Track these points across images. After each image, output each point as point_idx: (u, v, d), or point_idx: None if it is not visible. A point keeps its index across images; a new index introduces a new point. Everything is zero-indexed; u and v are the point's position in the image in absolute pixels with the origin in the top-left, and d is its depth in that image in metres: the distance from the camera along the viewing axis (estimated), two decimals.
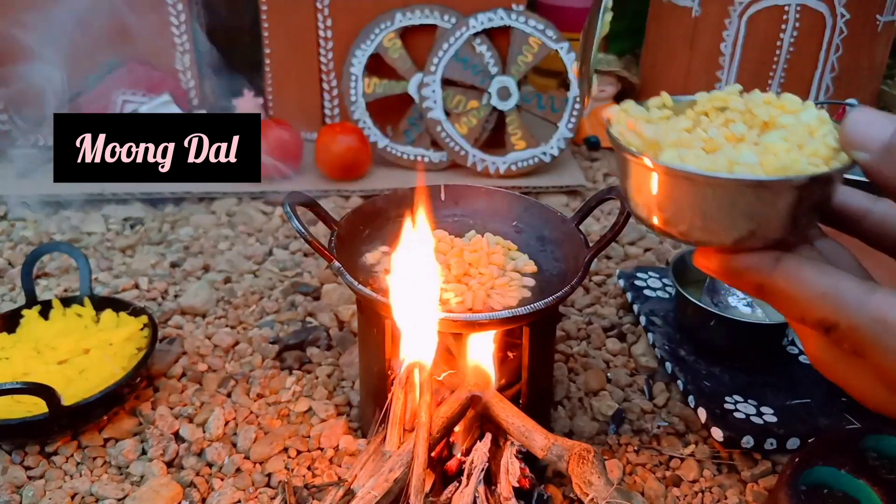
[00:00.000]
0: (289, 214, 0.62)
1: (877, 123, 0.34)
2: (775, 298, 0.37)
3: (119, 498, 0.70)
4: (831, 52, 1.38)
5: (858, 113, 0.35)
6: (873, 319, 0.33)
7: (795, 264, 0.36)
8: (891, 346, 0.33)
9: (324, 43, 1.42)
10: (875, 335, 0.33)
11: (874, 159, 0.34)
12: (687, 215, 0.37)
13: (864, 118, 0.34)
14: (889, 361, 0.33)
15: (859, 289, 0.34)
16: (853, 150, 0.35)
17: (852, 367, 0.36)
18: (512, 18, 1.34)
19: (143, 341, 0.84)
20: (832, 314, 0.34)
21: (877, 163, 0.34)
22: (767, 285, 0.37)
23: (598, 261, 1.13)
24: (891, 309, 0.33)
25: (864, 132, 0.34)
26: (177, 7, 1.37)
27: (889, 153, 0.33)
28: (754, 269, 0.37)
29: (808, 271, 0.35)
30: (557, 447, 0.62)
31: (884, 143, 0.34)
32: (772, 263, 0.36)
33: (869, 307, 0.33)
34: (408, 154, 1.40)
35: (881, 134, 0.34)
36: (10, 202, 1.26)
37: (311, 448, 0.76)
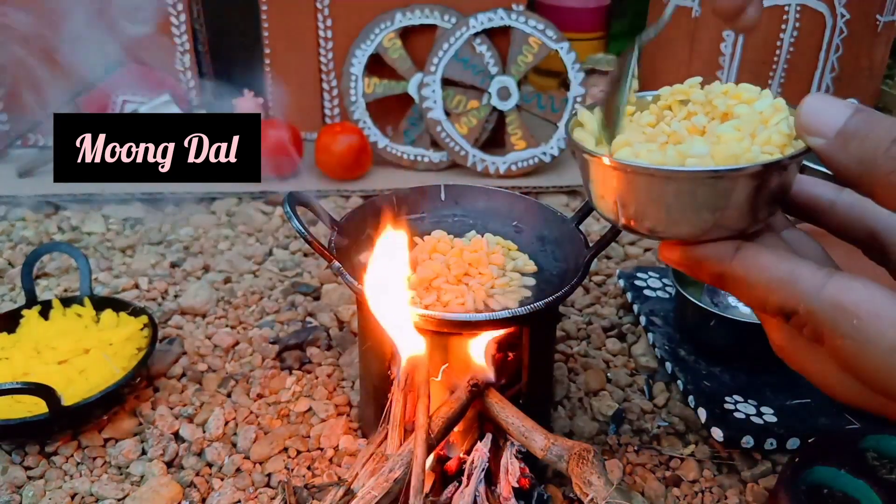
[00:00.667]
0: (289, 214, 0.62)
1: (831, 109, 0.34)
2: (735, 287, 0.37)
3: (119, 498, 0.70)
4: (831, 52, 1.38)
5: (813, 99, 0.35)
6: (830, 304, 0.33)
7: (754, 252, 0.36)
8: (847, 331, 0.32)
9: (324, 43, 1.42)
10: (832, 320, 0.33)
11: (828, 145, 0.33)
12: (647, 210, 0.37)
13: (818, 104, 0.34)
14: (847, 346, 0.33)
15: (817, 274, 0.34)
16: (808, 136, 0.34)
17: (813, 355, 0.36)
18: (512, 18, 1.34)
19: (143, 341, 0.84)
20: (790, 300, 0.34)
21: (831, 149, 0.33)
22: (727, 274, 0.37)
23: (598, 261, 1.13)
24: (847, 293, 0.33)
25: (818, 118, 0.34)
26: (177, 7, 1.37)
27: (843, 139, 0.33)
28: (714, 258, 0.37)
29: (766, 258, 0.35)
30: (557, 447, 0.62)
31: (838, 129, 0.33)
32: (731, 252, 0.36)
33: (826, 292, 0.33)
34: (408, 154, 1.40)
35: (835, 120, 0.33)
36: (10, 202, 1.26)
37: (311, 448, 0.76)
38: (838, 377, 0.35)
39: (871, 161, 0.32)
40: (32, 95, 1.38)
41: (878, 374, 0.32)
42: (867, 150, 0.32)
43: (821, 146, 0.34)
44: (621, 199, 0.38)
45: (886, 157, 0.32)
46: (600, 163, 0.37)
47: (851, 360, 0.33)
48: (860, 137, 0.33)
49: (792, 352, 0.38)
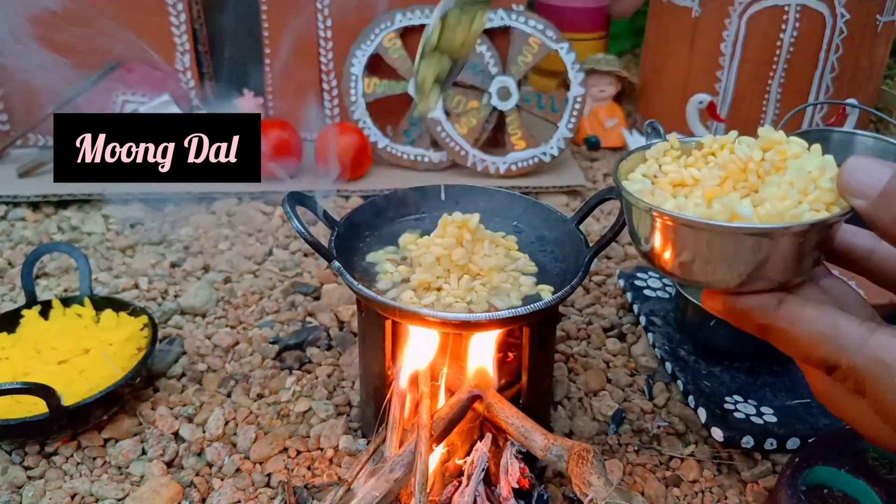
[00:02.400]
0: (289, 214, 0.62)
1: (873, 171, 0.35)
2: (779, 339, 0.38)
3: (119, 498, 0.70)
4: (831, 52, 1.38)
5: (855, 160, 0.36)
6: (872, 360, 0.34)
7: (797, 306, 0.37)
8: (890, 385, 0.33)
9: (324, 43, 1.42)
10: (874, 375, 0.34)
11: (871, 206, 0.35)
12: (692, 260, 0.38)
13: (860, 165, 0.35)
14: (888, 400, 0.34)
15: (859, 329, 0.35)
16: (850, 197, 0.35)
17: (855, 405, 0.37)
18: (512, 18, 1.34)
19: (143, 341, 0.84)
20: (833, 355, 0.35)
21: (874, 209, 0.34)
22: (771, 326, 0.38)
23: (598, 261, 1.13)
24: (889, 350, 0.34)
25: (860, 179, 0.35)
26: (177, 7, 1.37)
27: (885, 200, 0.34)
28: (758, 310, 0.38)
29: (809, 312, 0.36)
30: (557, 447, 0.62)
31: (880, 191, 0.34)
32: (774, 305, 0.37)
33: (868, 348, 0.34)
34: (408, 154, 1.40)
35: (877, 181, 0.34)
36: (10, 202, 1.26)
37: (311, 448, 0.76)
38: (880, 427, 0.36)
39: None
40: (32, 95, 1.38)
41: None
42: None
43: (863, 207, 0.35)
44: (666, 248, 0.39)
45: None
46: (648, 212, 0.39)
47: (892, 413, 0.34)
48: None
49: (835, 401, 0.39)
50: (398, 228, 0.73)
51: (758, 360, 0.84)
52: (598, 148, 1.56)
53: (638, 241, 0.42)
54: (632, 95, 1.66)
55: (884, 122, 1.62)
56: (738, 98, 1.44)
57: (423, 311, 0.59)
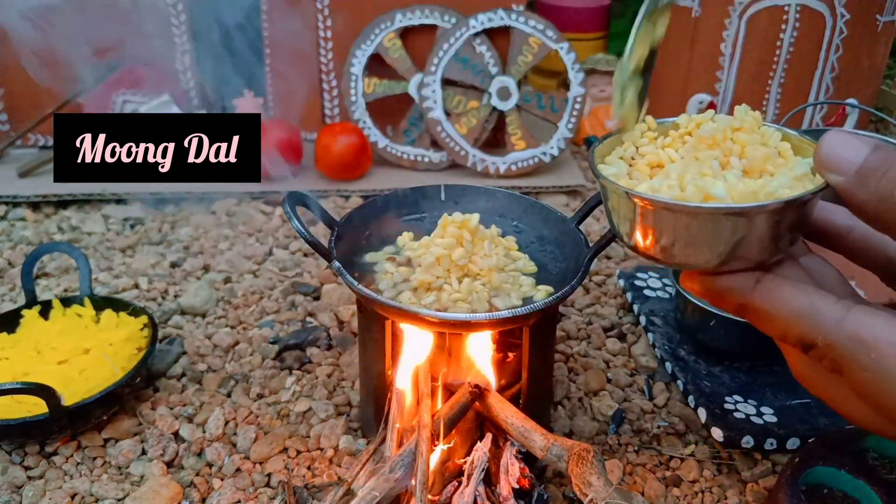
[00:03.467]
0: (289, 214, 0.62)
1: (851, 146, 0.34)
2: (756, 318, 0.38)
3: (119, 498, 0.70)
4: (831, 52, 1.38)
5: (833, 136, 0.35)
6: (849, 337, 0.33)
7: (774, 284, 0.37)
8: (866, 363, 0.33)
9: (324, 43, 1.42)
10: (851, 352, 0.33)
11: (848, 183, 0.34)
12: (668, 242, 0.38)
13: (838, 141, 0.35)
14: (865, 378, 0.33)
15: (836, 307, 0.34)
16: (827, 173, 0.35)
17: (833, 384, 0.37)
18: (512, 18, 1.34)
19: (143, 341, 0.84)
20: (810, 332, 0.35)
21: (850, 186, 0.34)
22: (748, 305, 0.37)
23: (598, 261, 1.13)
24: (865, 326, 0.33)
25: (837, 155, 0.34)
26: (177, 7, 1.37)
27: (862, 177, 0.33)
28: (735, 289, 0.38)
29: (786, 291, 0.36)
30: (557, 447, 0.62)
31: (857, 167, 0.34)
32: (751, 284, 0.37)
33: (845, 325, 0.34)
34: (408, 154, 1.40)
35: (855, 157, 0.34)
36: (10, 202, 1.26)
37: (311, 448, 0.76)
38: (858, 405, 0.36)
39: (889, 198, 0.33)
40: (33, 95, 1.38)
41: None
42: (886, 187, 0.33)
43: (840, 183, 0.34)
44: (643, 230, 0.39)
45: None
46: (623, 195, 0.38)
47: (870, 391, 0.34)
48: (879, 175, 0.33)
49: (813, 380, 0.39)
50: (398, 228, 0.73)
51: (758, 360, 0.84)
52: None
53: (614, 225, 0.41)
54: None
55: (884, 122, 1.62)
56: (738, 98, 1.44)
57: (422, 312, 0.59)
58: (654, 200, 0.37)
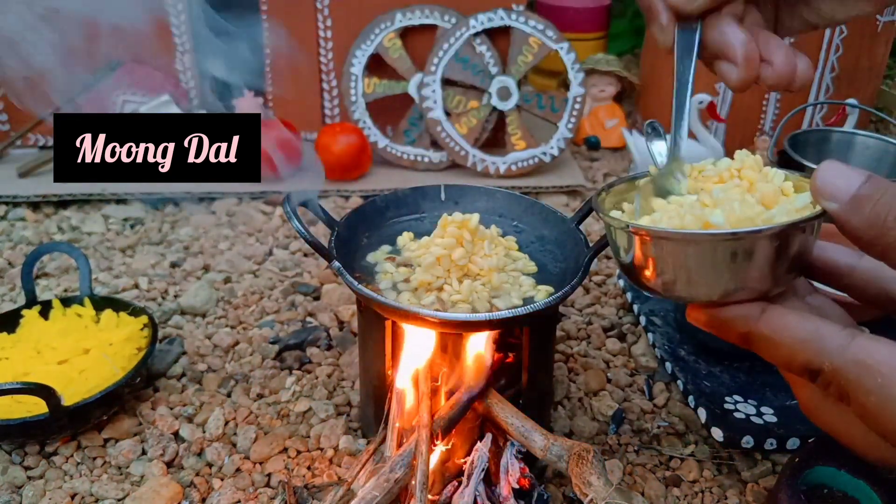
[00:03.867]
0: (289, 214, 0.61)
1: (845, 175, 0.35)
2: (762, 346, 0.38)
3: (119, 498, 0.70)
4: (831, 52, 1.38)
5: (828, 165, 0.36)
6: (855, 363, 0.34)
7: (779, 313, 0.37)
8: (873, 389, 0.33)
9: (324, 43, 1.42)
10: (857, 377, 0.34)
11: (842, 209, 0.35)
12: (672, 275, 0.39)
13: (833, 170, 0.36)
14: (872, 404, 0.33)
15: (841, 334, 0.35)
16: (822, 200, 0.36)
17: (840, 414, 0.37)
18: (512, 18, 1.34)
19: (143, 341, 0.84)
20: (815, 359, 0.35)
21: (846, 213, 0.35)
22: (753, 334, 0.38)
23: (598, 261, 1.13)
24: (871, 352, 0.34)
25: (832, 183, 0.35)
26: (177, 7, 1.37)
27: (856, 204, 0.35)
28: (740, 319, 0.38)
29: (791, 319, 0.37)
30: (557, 447, 0.62)
31: (851, 195, 0.35)
32: (757, 313, 0.38)
33: (850, 351, 0.34)
34: (408, 154, 1.40)
35: (849, 185, 0.35)
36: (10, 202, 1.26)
37: (311, 448, 0.76)
38: (865, 436, 0.37)
39: (882, 224, 0.34)
40: (32, 95, 1.38)
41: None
42: (879, 214, 0.34)
43: (835, 210, 0.35)
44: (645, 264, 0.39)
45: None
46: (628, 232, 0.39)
47: (877, 417, 0.34)
48: (872, 202, 0.34)
49: (819, 411, 0.39)
50: (398, 228, 0.73)
51: (758, 360, 0.83)
52: (598, 148, 1.56)
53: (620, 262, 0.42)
54: (632, 95, 1.66)
55: (884, 122, 1.62)
56: (738, 98, 1.44)
57: (422, 312, 0.59)
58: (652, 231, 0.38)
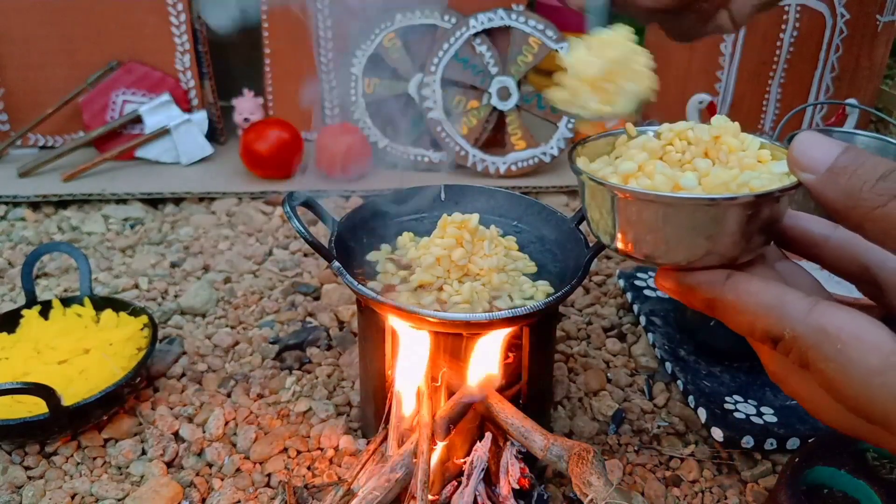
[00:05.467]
0: (289, 214, 0.61)
1: (822, 146, 0.35)
2: (725, 313, 0.38)
3: (119, 498, 0.70)
4: (831, 52, 1.38)
5: (805, 135, 0.36)
6: (815, 329, 0.34)
7: (744, 279, 0.37)
8: (832, 356, 0.33)
9: (324, 43, 1.42)
10: (816, 344, 0.34)
11: (819, 181, 0.35)
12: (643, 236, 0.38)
13: (810, 141, 0.35)
14: (831, 371, 0.33)
15: (803, 301, 0.35)
16: (799, 172, 0.36)
17: (803, 381, 0.37)
18: (512, 18, 1.34)
19: (143, 341, 0.84)
20: (776, 325, 0.35)
21: (821, 184, 0.35)
22: (717, 300, 0.38)
23: (598, 261, 1.13)
24: (831, 319, 0.33)
25: (809, 154, 0.35)
26: (177, 7, 1.37)
27: (833, 175, 0.34)
28: (705, 284, 0.38)
29: (755, 285, 0.36)
30: (557, 447, 0.62)
31: (828, 166, 0.34)
32: (721, 280, 0.38)
33: (811, 318, 0.34)
34: (408, 154, 1.40)
35: (826, 156, 0.35)
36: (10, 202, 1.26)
37: (311, 448, 0.76)
38: (828, 403, 0.36)
39: (858, 196, 0.33)
40: (33, 95, 1.38)
41: (861, 398, 0.33)
42: (855, 185, 0.34)
43: (811, 181, 0.35)
44: (618, 223, 0.39)
45: (873, 193, 0.33)
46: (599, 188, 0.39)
47: (835, 384, 0.34)
48: (849, 173, 0.34)
49: (784, 377, 0.39)
50: (398, 228, 0.73)
51: (758, 360, 0.83)
52: None
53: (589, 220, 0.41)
54: None
55: (884, 122, 1.62)
56: (738, 98, 1.44)
57: (422, 312, 0.59)
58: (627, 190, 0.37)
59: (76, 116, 1.40)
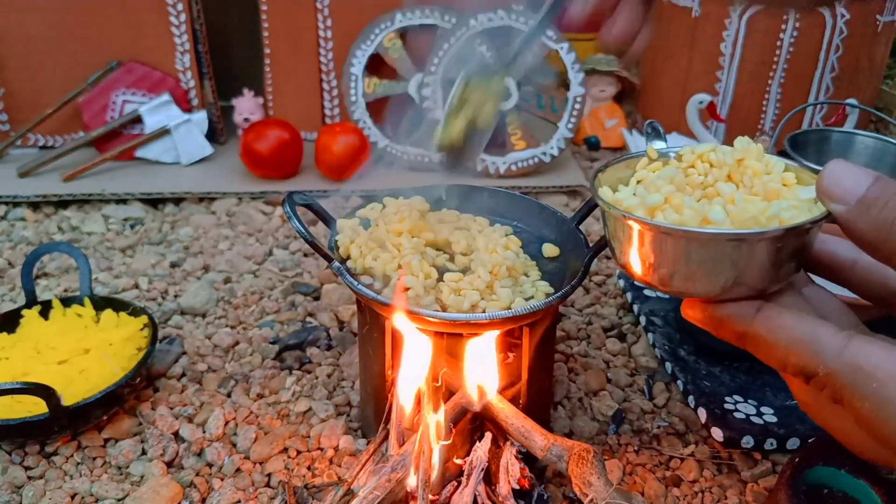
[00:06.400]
0: (289, 214, 0.61)
1: (853, 176, 0.34)
2: (756, 346, 0.37)
3: (119, 498, 0.70)
4: (831, 52, 1.38)
5: (835, 165, 0.35)
6: (849, 366, 0.33)
7: (775, 313, 0.36)
8: (867, 393, 0.33)
9: (324, 43, 1.42)
10: (852, 382, 0.33)
11: (849, 212, 0.34)
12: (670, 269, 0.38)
13: (840, 170, 0.35)
14: (866, 407, 0.33)
15: (836, 336, 0.34)
16: (829, 202, 0.35)
17: (835, 414, 0.37)
18: (512, 18, 1.34)
19: (143, 341, 0.84)
20: (810, 362, 0.35)
21: (852, 216, 0.34)
22: (748, 334, 0.37)
23: (598, 261, 1.13)
24: (867, 356, 0.33)
25: (840, 185, 0.34)
26: (177, 7, 1.37)
27: (864, 206, 0.33)
28: (736, 317, 0.37)
29: (787, 319, 0.36)
30: (557, 447, 0.62)
31: (859, 197, 0.34)
32: (752, 313, 0.37)
33: (845, 354, 0.33)
34: (408, 154, 1.40)
35: (856, 187, 0.34)
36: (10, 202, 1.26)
37: (311, 448, 0.76)
38: (860, 435, 0.36)
39: (889, 229, 0.33)
40: (33, 95, 1.38)
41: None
42: (887, 218, 0.33)
43: (841, 212, 0.34)
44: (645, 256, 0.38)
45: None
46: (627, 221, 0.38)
47: (871, 421, 0.33)
48: (880, 205, 0.33)
49: (815, 409, 0.38)
50: None
51: (758, 360, 0.84)
52: (598, 148, 1.56)
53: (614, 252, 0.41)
54: (632, 95, 1.66)
55: (884, 122, 1.62)
56: (738, 98, 1.44)
57: (422, 312, 0.59)
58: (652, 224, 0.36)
59: (76, 116, 1.40)
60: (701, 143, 0.42)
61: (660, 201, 0.39)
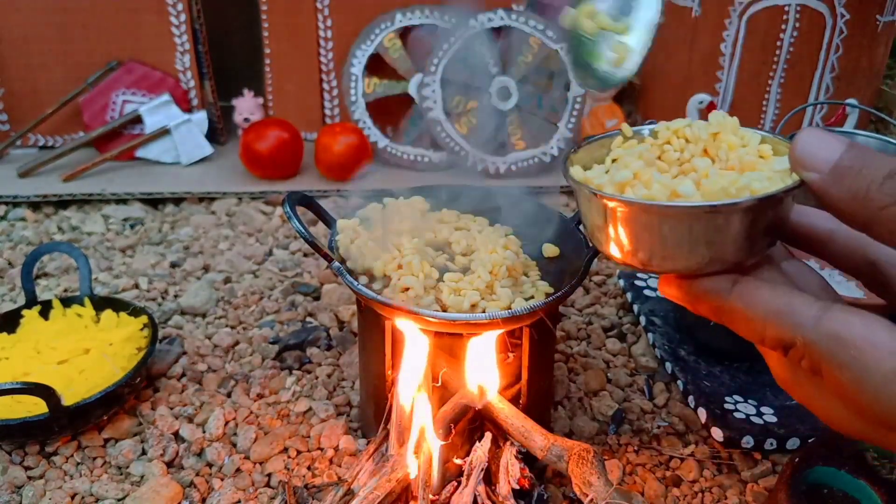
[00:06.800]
0: (289, 214, 0.61)
1: (826, 144, 0.34)
2: (733, 320, 0.37)
3: (119, 498, 0.70)
4: (831, 52, 1.38)
5: (807, 133, 0.35)
6: (827, 336, 0.33)
7: (752, 286, 0.36)
8: (845, 363, 0.32)
9: (324, 43, 1.42)
10: (829, 351, 0.33)
11: (823, 180, 0.34)
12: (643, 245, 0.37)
13: (813, 139, 0.34)
14: (845, 378, 0.32)
15: (814, 306, 0.34)
16: (802, 171, 0.34)
17: (814, 387, 0.36)
18: (512, 18, 1.34)
19: (143, 341, 0.84)
20: (787, 332, 0.34)
21: (826, 184, 0.33)
22: (725, 307, 0.37)
23: (598, 261, 1.13)
24: (844, 325, 0.32)
25: (813, 153, 0.34)
26: (177, 7, 1.37)
27: (837, 174, 0.33)
28: (711, 292, 0.37)
29: (763, 291, 0.35)
30: (557, 447, 0.62)
31: (832, 164, 0.33)
32: (728, 287, 0.36)
33: (822, 324, 0.33)
34: (408, 154, 1.40)
35: (830, 154, 0.33)
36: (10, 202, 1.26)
37: (311, 448, 0.76)
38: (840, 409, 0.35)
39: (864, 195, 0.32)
40: (33, 95, 1.38)
41: (876, 404, 0.32)
42: (861, 184, 0.32)
43: (815, 181, 0.34)
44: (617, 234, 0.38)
45: (880, 192, 0.32)
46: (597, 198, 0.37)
47: (849, 391, 0.33)
48: (854, 172, 0.33)
49: (794, 384, 0.38)
50: None
51: (758, 360, 0.83)
52: None
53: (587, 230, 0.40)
54: (632, 95, 1.66)
55: (884, 122, 1.62)
56: (738, 98, 1.44)
57: (422, 312, 0.59)
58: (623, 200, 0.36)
59: (76, 116, 1.40)
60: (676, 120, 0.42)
61: (629, 177, 0.38)
